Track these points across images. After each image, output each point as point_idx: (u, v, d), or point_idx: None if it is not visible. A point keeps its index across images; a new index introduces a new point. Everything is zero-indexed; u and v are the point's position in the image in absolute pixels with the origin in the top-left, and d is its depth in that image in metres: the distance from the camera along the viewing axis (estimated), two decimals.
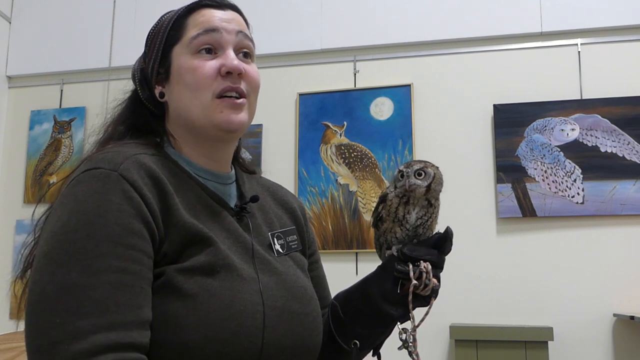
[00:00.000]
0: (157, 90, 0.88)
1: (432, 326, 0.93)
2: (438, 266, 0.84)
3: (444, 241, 0.85)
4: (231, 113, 0.83)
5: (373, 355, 0.92)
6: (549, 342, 2.48)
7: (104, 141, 0.88)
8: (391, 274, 0.84)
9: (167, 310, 0.71)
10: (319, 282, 1.01)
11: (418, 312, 0.85)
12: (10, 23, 3.58)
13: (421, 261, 0.83)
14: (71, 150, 3.36)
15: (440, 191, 0.87)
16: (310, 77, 3.16)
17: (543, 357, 2.45)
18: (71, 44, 3.47)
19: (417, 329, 0.84)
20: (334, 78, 3.12)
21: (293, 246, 0.93)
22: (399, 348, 0.85)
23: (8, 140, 3.49)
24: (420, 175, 0.85)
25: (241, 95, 0.85)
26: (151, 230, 0.73)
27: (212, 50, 0.85)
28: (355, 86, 3.08)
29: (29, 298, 0.68)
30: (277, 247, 0.89)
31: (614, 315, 2.63)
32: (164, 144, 0.87)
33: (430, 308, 0.84)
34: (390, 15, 3.10)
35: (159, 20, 0.91)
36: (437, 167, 0.87)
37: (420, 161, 0.87)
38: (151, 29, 0.91)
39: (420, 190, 0.85)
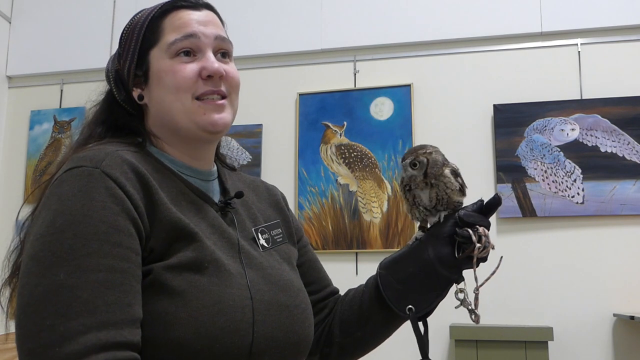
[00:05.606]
0: (136, 93, 0.88)
1: (432, 326, 0.94)
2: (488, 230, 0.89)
3: (495, 207, 0.91)
4: (214, 114, 0.85)
5: (419, 320, 0.94)
6: (549, 342, 2.48)
7: (83, 141, 0.87)
8: (447, 239, 0.88)
9: (157, 308, 0.71)
10: (312, 265, 1.02)
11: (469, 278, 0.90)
12: (10, 23, 3.58)
13: (477, 226, 0.88)
14: None
15: (440, 167, 0.88)
16: (310, 77, 3.15)
17: (543, 357, 2.45)
18: (71, 44, 3.47)
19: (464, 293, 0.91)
20: (334, 78, 3.12)
21: (278, 240, 0.94)
22: (457, 307, 0.92)
23: (8, 140, 3.49)
24: (414, 165, 0.88)
25: (223, 96, 0.86)
26: (137, 226, 0.73)
27: (190, 53, 0.85)
28: (355, 86, 3.08)
29: (18, 301, 0.67)
30: (262, 241, 0.90)
31: (614, 315, 2.63)
32: (145, 143, 0.87)
33: (497, 268, 0.92)
34: (390, 15, 3.10)
35: (132, 20, 0.90)
36: (430, 152, 0.88)
37: (412, 151, 0.89)
38: (124, 29, 0.90)
39: (418, 179, 0.88)
